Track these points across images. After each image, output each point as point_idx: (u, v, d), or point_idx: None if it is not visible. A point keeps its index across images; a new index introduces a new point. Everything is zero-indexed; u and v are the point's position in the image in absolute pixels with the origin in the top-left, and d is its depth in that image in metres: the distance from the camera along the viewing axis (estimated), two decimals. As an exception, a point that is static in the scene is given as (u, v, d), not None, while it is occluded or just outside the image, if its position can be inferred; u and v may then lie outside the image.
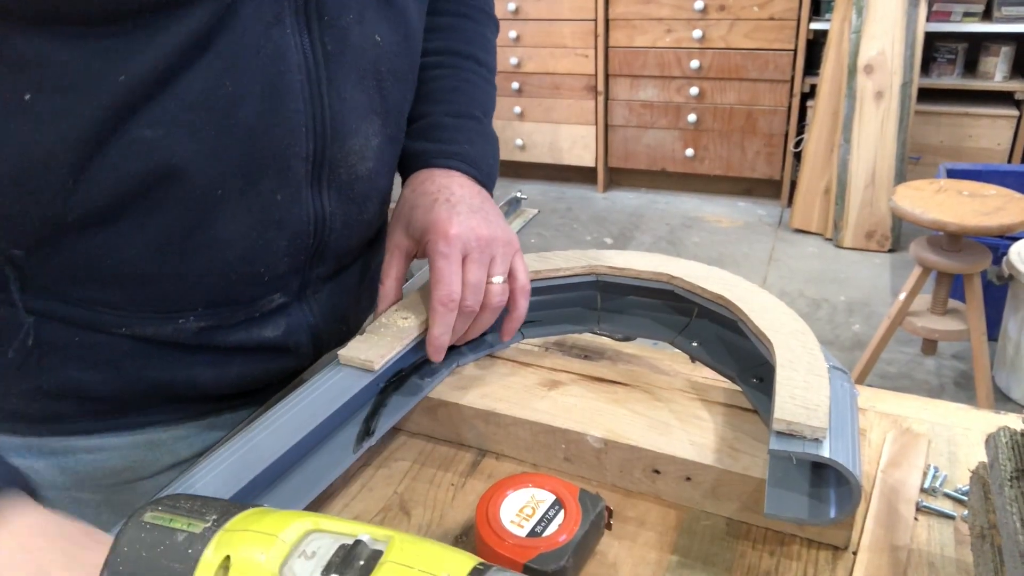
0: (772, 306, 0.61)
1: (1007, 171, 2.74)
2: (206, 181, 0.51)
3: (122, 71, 0.46)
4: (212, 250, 0.55)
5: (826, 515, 0.50)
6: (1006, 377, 2.23)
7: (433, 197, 0.63)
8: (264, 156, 0.53)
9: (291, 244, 0.59)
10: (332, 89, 0.55)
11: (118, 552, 0.40)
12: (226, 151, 0.51)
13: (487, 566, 0.38)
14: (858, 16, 2.85)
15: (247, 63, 0.50)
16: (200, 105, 0.49)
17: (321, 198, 0.59)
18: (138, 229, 0.52)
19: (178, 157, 0.50)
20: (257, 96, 0.51)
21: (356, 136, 0.59)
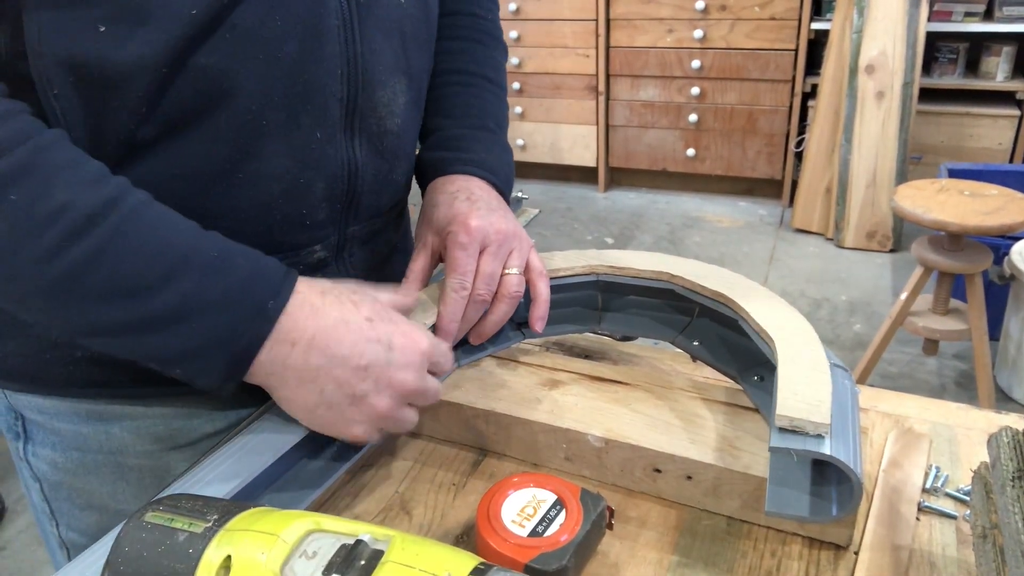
0: (773, 303, 0.61)
1: (1008, 171, 2.74)
2: (254, 109, 0.55)
3: (192, 4, 0.49)
4: (258, 185, 0.57)
5: (827, 513, 0.49)
6: (1007, 377, 2.23)
7: (453, 195, 0.66)
8: (305, 92, 0.57)
9: (328, 188, 0.61)
10: (364, 38, 0.58)
11: (119, 552, 0.40)
12: (272, 83, 0.55)
13: (488, 566, 0.38)
14: (859, 16, 2.85)
15: (291, 3, 0.54)
16: (251, 37, 0.53)
17: (354, 145, 0.62)
18: (190, 158, 0.55)
19: (230, 84, 0.53)
20: (300, 34, 0.55)
21: (384, 89, 0.62)
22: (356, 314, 0.53)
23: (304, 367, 0.51)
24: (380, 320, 0.53)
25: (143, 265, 0.48)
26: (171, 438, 0.66)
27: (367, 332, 0.52)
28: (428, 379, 0.55)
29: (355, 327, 0.52)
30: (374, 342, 0.52)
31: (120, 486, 0.66)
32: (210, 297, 0.49)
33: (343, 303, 0.53)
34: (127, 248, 0.48)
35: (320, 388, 0.52)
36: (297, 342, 0.51)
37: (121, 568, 0.40)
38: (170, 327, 0.49)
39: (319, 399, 0.52)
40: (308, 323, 0.51)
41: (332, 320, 0.52)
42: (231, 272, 0.51)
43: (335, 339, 0.51)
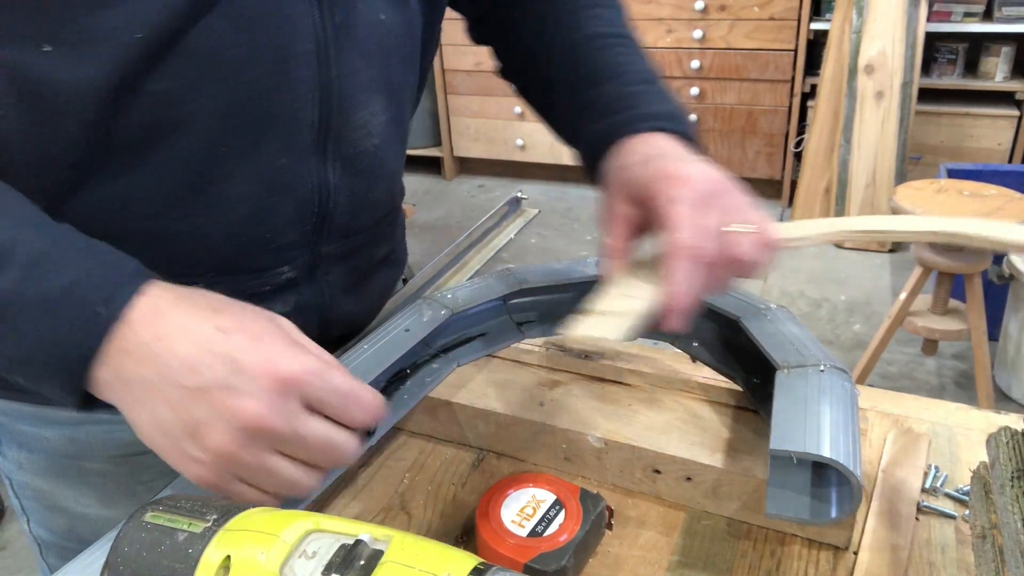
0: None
1: (1008, 171, 2.74)
2: (213, 136, 0.53)
3: (138, 28, 0.47)
4: (221, 208, 0.56)
5: (827, 515, 0.49)
6: (1007, 377, 2.23)
7: (647, 155, 0.56)
8: (271, 117, 0.54)
9: (296, 211, 0.59)
10: (340, 60, 0.56)
11: (118, 552, 0.40)
12: (234, 108, 0.53)
13: (488, 566, 0.38)
14: (859, 16, 2.85)
15: (258, 27, 0.52)
16: (210, 62, 0.51)
17: (326, 168, 0.60)
18: (148, 182, 0.53)
19: (186, 111, 0.51)
20: (267, 59, 0.53)
21: (362, 110, 0.60)
22: (206, 323, 0.43)
23: (135, 380, 0.43)
24: (237, 332, 0.43)
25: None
26: (136, 443, 0.63)
27: (212, 345, 0.42)
28: (300, 420, 0.42)
29: (199, 337, 0.42)
30: (217, 357, 0.42)
31: (84, 490, 0.65)
32: (28, 300, 0.42)
33: (198, 309, 0.44)
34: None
35: (152, 408, 0.43)
36: (133, 352, 0.42)
37: (120, 568, 0.40)
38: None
39: (154, 423, 0.43)
40: (147, 330, 0.43)
41: (173, 327, 0.43)
42: (57, 272, 0.43)
43: (169, 350, 0.42)
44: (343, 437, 0.44)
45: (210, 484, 0.44)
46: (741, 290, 0.65)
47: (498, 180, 4.01)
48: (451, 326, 0.68)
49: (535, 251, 3.19)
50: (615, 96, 0.62)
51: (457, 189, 3.96)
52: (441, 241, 3.33)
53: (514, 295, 0.70)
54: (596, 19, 0.67)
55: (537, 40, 0.69)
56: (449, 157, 4.03)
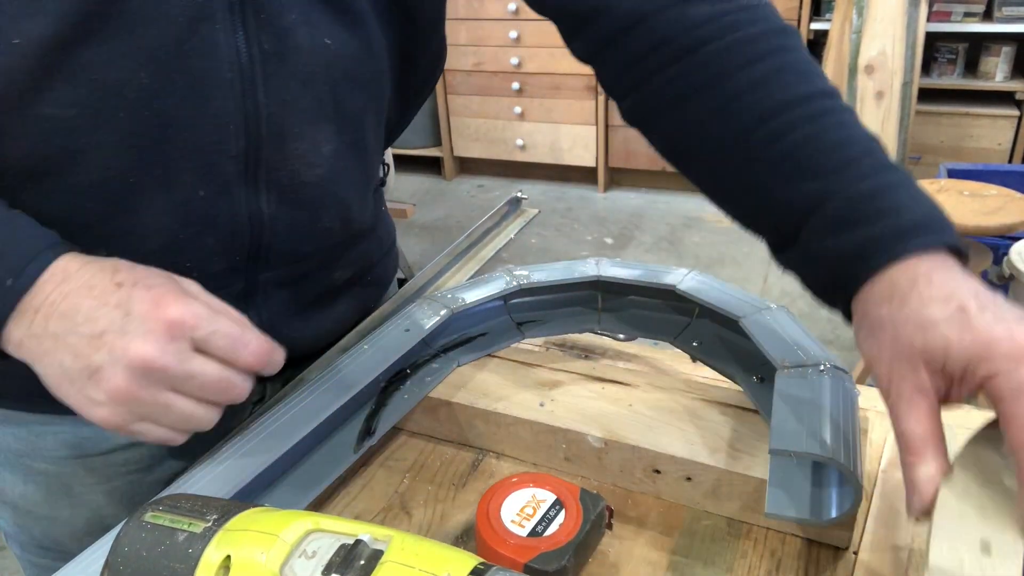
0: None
1: (1008, 171, 2.74)
2: (121, 166, 0.51)
3: (14, 33, 0.45)
4: (132, 238, 0.54)
5: (827, 515, 0.49)
6: (1007, 377, 2.23)
7: (948, 301, 0.41)
8: (185, 150, 0.52)
9: (222, 243, 0.57)
10: (269, 90, 0.54)
11: (119, 552, 0.40)
12: (142, 140, 0.51)
13: (488, 566, 0.38)
14: (859, 16, 2.85)
15: (168, 55, 0.49)
16: (111, 91, 0.48)
17: (258, 199, 0.57)
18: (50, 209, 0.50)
19: (87, 141, 0.49)
20: (180, 90, 0.50)
21: (301, 140, 0.57)
22: (106, 279, 0.46)
23: (44, 335, 0.45)
24: (132, 285, 0.45)
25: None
26: (81, 444, 0.63)
27: (109, 297, 0.45)
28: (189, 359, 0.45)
29: (99, 291, 0.45)
30: (112, 307, 0.45)
31: (29, 488, 0.65)
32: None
33: (102, 270, 0.46)
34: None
35: (59, 359, 0.45)
36: (40, 308, 0.45)
37: (120, 568, 0.40)
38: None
39: (60, 372, 0.45)
40: (56, 290, 0.45)
41: (77, 285, 0.45)
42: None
43: (74, 305, 0.45)
44: (233, 375, 0.47)
45: (115, 425, 0.46)
46: (741, 290, 0.65)
47: (498, 180, 4.01)
48: (451, 326, 0.68)
49: (535, 251, 3.19)
50: (847, 199, 0.46)
51: (457, 189, 3.96)
52: (441, 241, 3.33)
53: (514, 295, 0.70)
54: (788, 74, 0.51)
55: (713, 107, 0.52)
56: (449, 157, 4.03)
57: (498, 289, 0.69)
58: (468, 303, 0.67)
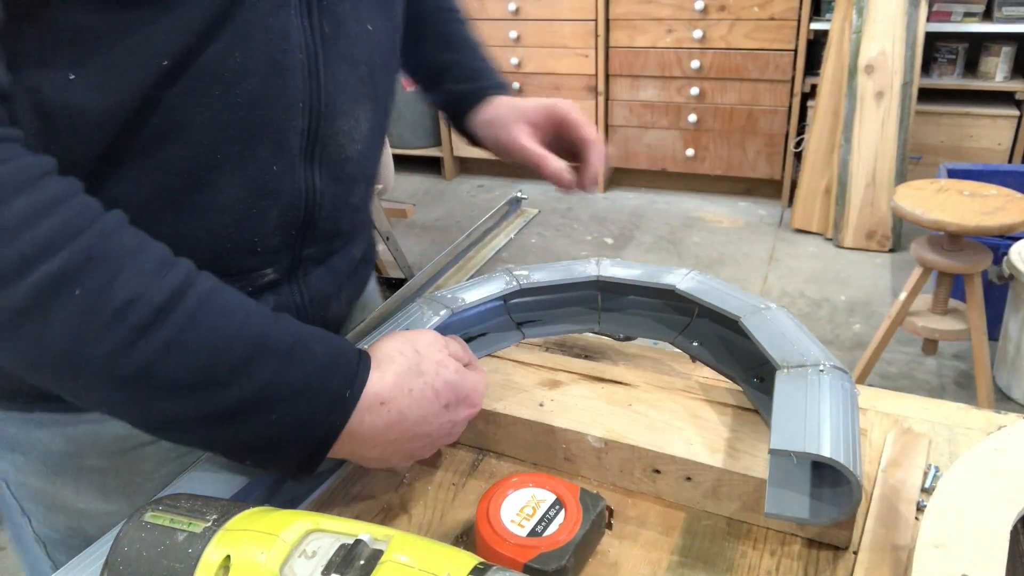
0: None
1: (1008, 171, 2.74)
2: (207, 143, 0.54)
3: (162, 54, 0.49)
4: (209, 213, 0.56)
5: (827, 515, 0.49)
6: (1007, 377, 2.23)
7: (518, 102, 0.81)
8: (263, 126, 0.56)
9: (282, 216, 0.60)
10: (328, 70, 0.58)
11: (119, 552, 0.40)
12: (228, 118, 0.54)
13: (487, 566, 0.38)
14: (859, 16, 2.85)
15: (256, 40, 0.53)
16: (210, 74, 0.52)
17: (313, 174, 0.61)
18: (141, 187, 0.53)
19: (185, 118, 0.52)
20: (261, 71, 0.54)
21: (347, 118, 0.61)
22: (435, 402, 0.53)
23: (368, 435, 0.52)
24: (458, 405, 0.55)
25: (216, 356, 0.46)
26: (132, 436, 0.64)
27: (441, 420, 0.54)
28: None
29: (434, 418, 0.54)
30: (446, 423, 0.55)
31: (83, 487, 0.65)
32: (288, 387, 0.48)
33: (423, 394, 0.53)
34: (198, 340, 0.46)
35: (383, 449, 0.53)
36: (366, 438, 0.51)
37: (120, 568, 0.40)
38: (245, 419, 0.47)
39: (382, 458, 0.53)
40: (382, 422, 0.51)
41: (412, 419, 0.52)
42: (309, 360, 0.49)
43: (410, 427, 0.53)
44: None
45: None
46: (741, 290, 0.65)
47: (498, 180, 4.01)
48: (451, 326, 0.68)
49: (535, 251, 3.19)
50: (474, 68, 0.84)
51: (457, 189, 3.96)
52: (441, 241, 3.33)
53: (514, 295, 0.70)
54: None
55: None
56: (449, 157, 4.03)
57: (498, 289, 0.69)
58: (468, 303, 0.67)
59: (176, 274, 0.47)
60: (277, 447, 0.49)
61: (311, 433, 0.49)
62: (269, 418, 0.48)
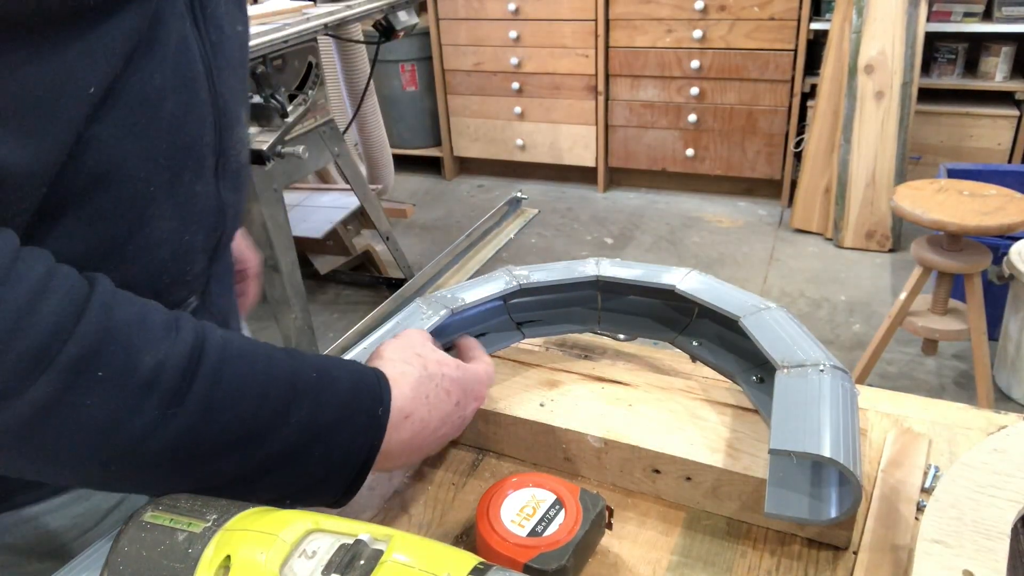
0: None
1: (1007, 171, 2.74)
2: (142, 176, 0.50)
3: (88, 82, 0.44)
4: (148, 252, 0.53)
5: (827, 515, 0.49)
6: (1007, 377, 2.23)
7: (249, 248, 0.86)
8: (184, 147, 0.53)
9: (205, 239, 0.58)
10: (221, 78, 0.55)
11: (118, 552, 0.40)
12: (155, 145, 0.50)
13: (487, 565, 0.38)
14: (858, 16, 2.85)
15: (169, 58, 0.49)
16: (136, 99, 0.48)
17: (219, 189, 0.59)
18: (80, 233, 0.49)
19: (118, 153, 0.48)
20: (177, 89, 0.51)
21: (238, 124, 0.60)
22: (448, 402, 0.55)
23: (401, 458, 0.53)
24: (466, 399, 0.57)
25: (253, 407, 0.45)
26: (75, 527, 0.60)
27: (454, 417, 0.56)
28: None
29: (449, 418, 0.55)
30: (458, 420, 0.56)
31: None
32: (326, 420, 0.47)
33: (438, 397, 0.54)
34: (232, 394, 0.44)
35: (408, 456, 0.53)
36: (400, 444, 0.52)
37: (120, 568, 0.40)
38: (292, 461, 0.46)
39: (404, 460, 0.54)
40: (407, 432, 0.52)
41: (433, 425, 0.54)
42: (335, 388, 0.49)
43: (430, 434, 0.54)
44: None
45: None
46: (741, 290, 0.65)
47: (498, 180, 4.01)
48: (451, 326, 0.68)
49: (535, 251, 3.19)
50: None
51: (457, 189, 3.96)
52: (441, 241, 3.33)
53: (514, 295, 0.70)
54: None
55: None
56: (449, 157, 4.03)
57: (498, 289, 0.69)
58: (468, 303, 0.67)
59: (186, 332, 0.44)
60: (323, 482, 0.48)
61: (353, 459, 0.49)
62: (313, 455, 0.47)
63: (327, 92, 2.30)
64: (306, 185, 3.02)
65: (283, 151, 1.90)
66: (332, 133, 2.23)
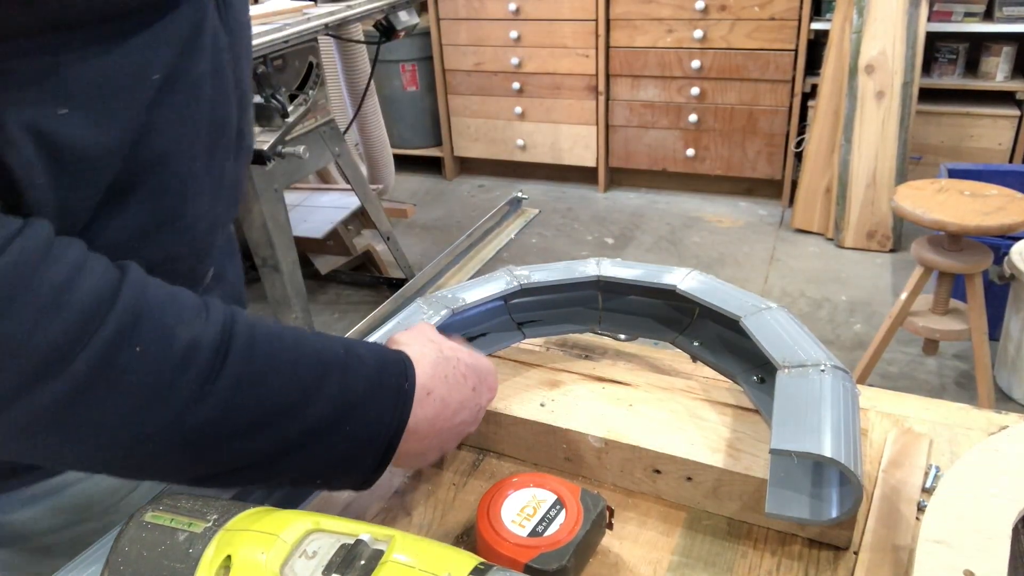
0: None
1: (1008, 171, 2.74)
2: (188, 156, 0.53)
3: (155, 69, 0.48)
4: (191, 228, 0.56)
5: (827, 515, 0.49)
6: (1007, 377, 2.23)
7: None
8: (218, 128, 0.56)
9: (227, 211, 0.62)
10: (239, 64, 0.59)
11: (119, 552, 0.40)
12: (199, 127, 0.53)
13: (488, 566, 0.38)
14: (859, 16, 2.85)
15: (207, 46, 0.53)
16: (186, 86, 0.51)
17: (238, 165, 0.62)
18: (134, 216, 0.51)
19: (173, 137, 0.51)
20: (213, 74, 0.54)
21: (251, 106, 0.64)
22: (465, 386, 0.55)
23: (423, 441, 0.53)
24: (481, 387, 0.57)
25: (285, 382, 0.45)
26: (117, 491, 0.63)
27: (471, 404, 0.56)
28: None
29: (466, 404, 0.55)
30: (474, 407, 0.56)
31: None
32: (356, 394, 0.48)
33: (456, 380, 0.55)
34: (264, 370, 0.45)
35: (422, 446, 0.53)
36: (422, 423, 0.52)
37: (120, 568, 0.40)
38: (324, 436, 0.47)
39: (419, 452, 0.53)
40: (430, 410, 0.52)
41: (446, 394, 0.53)
42: (363, 364, 0.49)
43: (451, 415, 0.54)
44: None
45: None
46: (741, 290, 0.65)
47: (498, 180, 4.01)
48: (451, 326, 0.68)
49: (535, 251, 3.19)
50: None
51: (457, 189, 3.96)
52: (441, 241, 3.33)
53: (514, 295, 0.70)
54: None
55: None
56: (449, 157, 4.03)
57: (498, 289, 0.69)
58: (468, 303, 0.67)
59: (215, 312, 0.45)
60: (353, 459, 0.49)
61: (383, 433, 0.49)
62: (343, 430, 0.47)
63: (328, 92, 2.30)
64: (307, 185, 3.02)
65: (284, 151, 1.90)
66: (333, 133, 2.23)
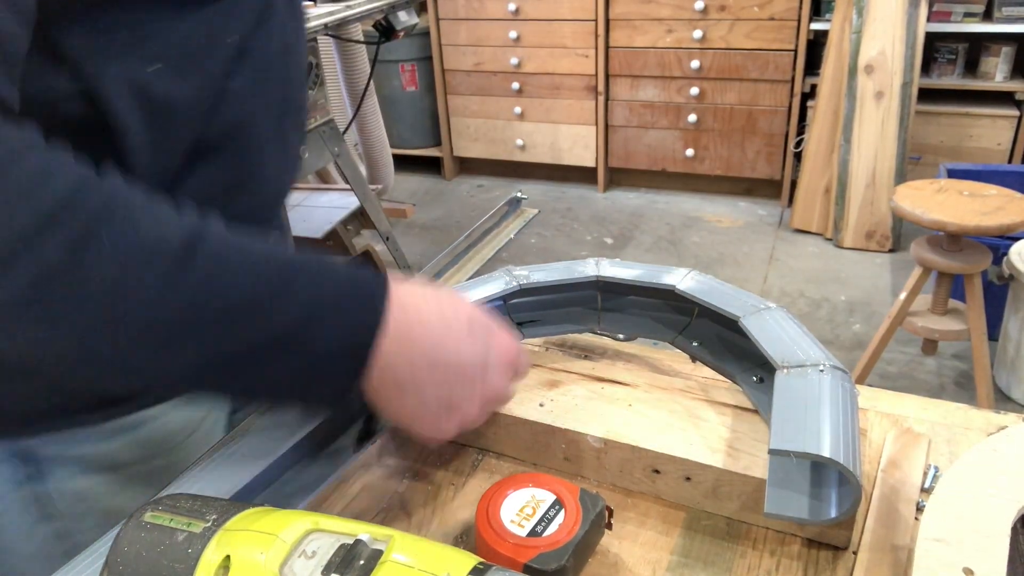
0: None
1: (1007, 171, 2.74)
2: (261, 125, 0.60)
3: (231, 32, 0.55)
4: (261, 190, 0.63)
5: (826, 515, 0.49)
6: (1006, 377, 2.23)
7: None
8: (286, 101, 0.63)
9: (289, 179, 0.68)
10: (298, 44, 0.65)
11: (118, 552, 0.40)
12: (271, 99, 0.60)
13: (487, 566, 0.38)
14: (858, 16, 2.85)
15: (277, 25, 0.59)
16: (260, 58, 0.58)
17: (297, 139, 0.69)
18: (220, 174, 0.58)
19: (248, 106, 0.58)
20: (282, 51, 0.61)
21: (305, 84, 0.69)
22: (456, 316, 0.52)
23: (408, 368, 0.50)
24: (479, 324, 0.53)
25: (256, 280, 0.46)
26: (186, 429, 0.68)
27: (471, 349, 0.52)
28: (513, 387, 0.56)
29: (456, 330, 0.51)
30: (473, 346, 0.52)
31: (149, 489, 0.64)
32: (329, 294, 0.48)
33: (441, 305, 0.52)
34: (236, 266, 0.46)
35: (420, 395, 0.51)
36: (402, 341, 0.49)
37: (120, 568, 0.40)
38: (295, 340, 0.47)
39: (419, 403, 0.51)
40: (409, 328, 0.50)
41: (434, 321, 0.51)
42: (335, 271, 0.49)
43: (437, 342, 0.50)
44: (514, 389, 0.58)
45: (444, 440, 0.54)
46: (741, 290, 0.65)
47: (498, 180, 4.01)
48: (451, 326, 0.68)
49: (535, 251, 3.19)
50: None
51: (457, 189, 3.96)
52: (441, 241, 3.33)
53: (514, 295, 0.70)
54: None
55: None
56: (449, 157, 4.03)
57: (498, 289, 0.69)
58: (468, 303, 0.67)
59: (190, 213, 0.47)
60: (328, 367, 0.48)
61: (356, 339, 0.48)
62: (316, 334, 0.47)
63: (327, 92, 2.30)
64: (306, 185, 3.02)
65: (283, 151, 1.90)
66: (332, 133, 2.23)
